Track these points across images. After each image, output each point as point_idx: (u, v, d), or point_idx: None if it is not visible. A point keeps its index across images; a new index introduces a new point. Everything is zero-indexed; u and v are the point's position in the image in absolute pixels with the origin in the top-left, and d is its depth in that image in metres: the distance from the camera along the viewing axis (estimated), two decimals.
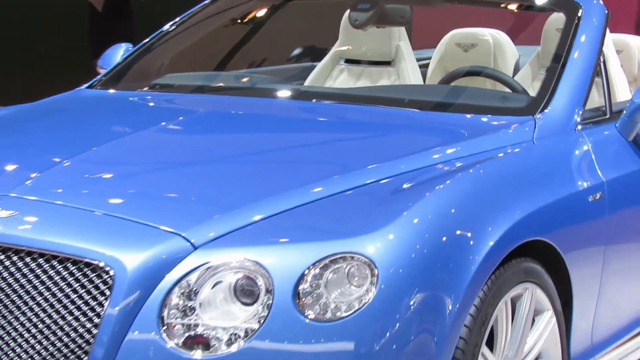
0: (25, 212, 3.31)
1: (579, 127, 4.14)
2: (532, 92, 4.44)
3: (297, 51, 5.81)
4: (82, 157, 3.75)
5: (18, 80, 9.71)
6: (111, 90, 4.83)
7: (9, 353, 3.13)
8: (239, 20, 5.45)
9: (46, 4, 12.73)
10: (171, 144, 4.12)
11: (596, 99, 4.36)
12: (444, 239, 3.24)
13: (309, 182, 3.49)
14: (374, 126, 4.24)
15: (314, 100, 4.60)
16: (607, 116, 4.32)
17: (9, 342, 3.14)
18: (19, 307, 3.14)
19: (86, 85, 4.91)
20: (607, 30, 4.56)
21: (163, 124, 4.24)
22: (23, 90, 5.49)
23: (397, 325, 3.06)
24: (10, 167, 3.72)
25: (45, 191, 3.45)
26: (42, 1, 12.88)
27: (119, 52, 5.11)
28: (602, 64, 4.42)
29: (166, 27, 5.16)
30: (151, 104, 4.59)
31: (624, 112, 4.32)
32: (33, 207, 3.35)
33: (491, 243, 3.31)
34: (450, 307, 3.15)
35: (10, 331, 3.15)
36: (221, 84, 4.95)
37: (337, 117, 4.37)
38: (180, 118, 4.35)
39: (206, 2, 5.27)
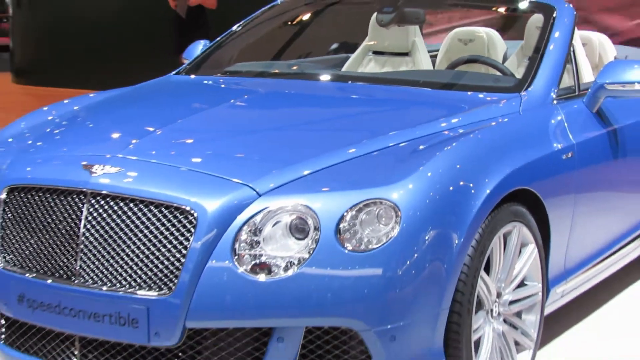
0: (129, 168, 3.34)
1: (555, 101, 4.22)
2: (518, 75, 4.52)
3: (334, 45, 5.84)
4: (171, 127, 3.78)
5: (119, 70, 9.71)
6: (192, 76, 4.91)
7: (118, 277, 3.18)
8: (289, 22, 5.51)
9: (140, 13, 13.11)
10: (239, 116, 4.16)
11: (567, 81, 4.42)
12: (451, 188, 3.28)
13: (345, 144, 3.50)
14: (395, 101, 4.28)
15: (349, 82, 4.65)
16: (576, 93, 4.40)
17: (118, 268, 3.19)
18: (124, 242, 3.20)
19: (174, 72, 5.01)
20: (575, 28, 4.63)
21: (232, 101, 4.31)
22: (122, 78, 5.52)
23: (415, 255, 3.10)
24: (116, 135, 3.76)
25: (143, 153, 3.49)
26: (138, 10, 13.24)
27: (198, 47, 5.25)
28: (572, 54, 4.51)
29: (234, 27, 5.25)
30: (223, 86, 4.65)
31: (589, 90, 4.41)
32: (134, 165, 3.38)
33: (487, 191, 3.37)
34: (456, 241, 3.21)
35: (118, 260, 3.19)
36: (277, 71, 5.01)
37: (367, 95, 4.41)
38: (246, 96, 4.40)
39: (265, 8, 5.38)
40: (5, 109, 11.43)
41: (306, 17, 5.59)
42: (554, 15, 4.60)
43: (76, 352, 3.28)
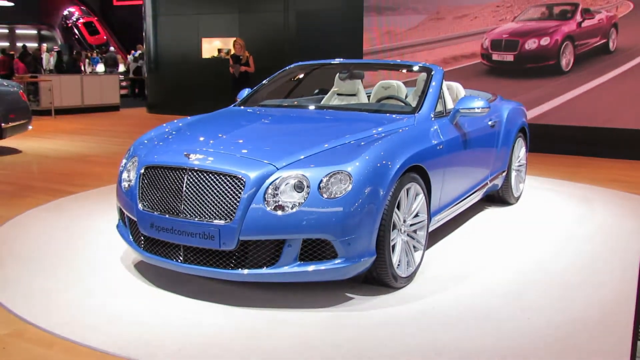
0: (209, 155, 3.45)
1: (433, 118, 4.27)
2: (413, 105, 4.45)
3: (316, 90, 5.90)
4: (230, 134, 3.84)
5: (204, 104, 9.89)
6: (241, 107, 4.90)
7: (203, 213, 3.27)
8: (292, 78, 5.56)
9: (216, 73, 13.68)
10: (265, 127, 4.15)
11: (439, 107, 4.48)
12: (378, 164, 3.37)
13: (322, 142, 3.55)
14: (349, 119, 4.21)
15: (324, 110, 4.55)
16: (444, 114, 4.44)
17: (203, 208, 3.27)
18: (207, 195, 3.29)
19: (233, 105, 5.05)
20: (444, 79, 4.72)
21: (262, 120, 4.32)
22: (205, 108, 5.58)
23: (360, 200, 3.23)
24: (201, 138, 3.77)
25: (216, 147, 3.57)
26: (215, 72, 13.85)
27: (245, 92, 5.25)
28: (442, 93, 4.59)
29: (264, 81, 5.32)
30: (257, 112, 4.57)
31: (451, 112, 4.48)
32: (211, 154, 3.47)
33: (398, 166, 3.47)
34: (382, 193, 3.34)
35: (203, 204, 3.28)
36: (286, 104, 4.97)
37: (334, 116, 4.31)
38: (270, 117, 4.37)
39: (279, 71, 5.44)
40: (143, 126, 12.04)
41: (301, 75, 5.62)
42: (432, 73, 4.68)
43: (181, 253, 3.40)
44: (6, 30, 28.57)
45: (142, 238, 3.60)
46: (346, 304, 3.38)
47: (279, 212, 3.19)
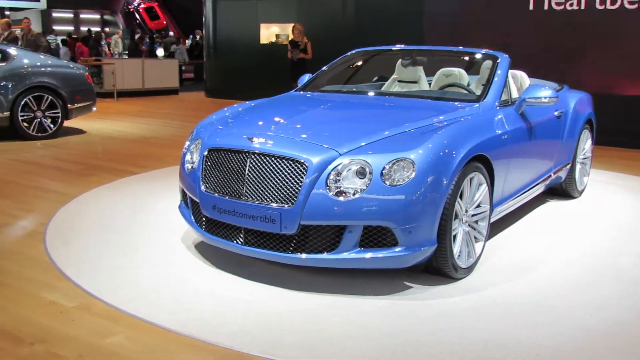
0: (270, 139, 3.47)
1: (498, 107, 4.20)
2: (477, 92, 4.46)
3: (376, 77, 5.84)
4: (291, 119, 3.88)
5: (262, 89, 10.02)
6: (301, 92, 4.92)
7: (265, 196, 3.29)
8: (351, 64, 5.51)
9: (275, 58, 13.77)
10: (326, 113, 4.15)
11: (504, 96, 4.39)
12: (441, 153, 3.33)
13: (383, 129, 3.51)
14: (409, 106, 4.20)
15: (385, 96, 4.61)
16: (509, 103, 4.37)
17: (265, 192, 3.29)
18: (269, 178, 3.28)
19: (294, 90, 5.07)
20: (509, 68, 4.64)
21: (322, 106, 4.31)
22: (263, 93, 5.59)
23: (423, 188, 3.20)
24: (263, 123, 3.79)
25: (277, 131, 3.59)
26: (274, 57, 13.87)
27: (306, 77, 5.26)
28: (508, 82, 4.51)
29: (324, 67, 5.32)
30: (318, 98, 4.58)
31: (517, 101, 4.40)
32: (273, 138, 3.48)
33: (462, 155, 3.42)
34: (445, 182, 3.30)
35: (265, 188, 3.30)
36: (345, 90, 4.94)
37: (394, 103, 4.36)
38: (329, 103, 4.37)
39: (339, 57, 5.43)
40: (201, 110, 12.41)
41: (360, 62, 5.58)
42: (498, 61, 4.61)
43: (242, 235, 3.44)
44: (71, 15, 29.44)
45: (204, 219, 3.63)
46: (404, 293, 3.36)
47: (341, 198, 3.18)
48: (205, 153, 3.62)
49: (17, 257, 3.80)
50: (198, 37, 21.47)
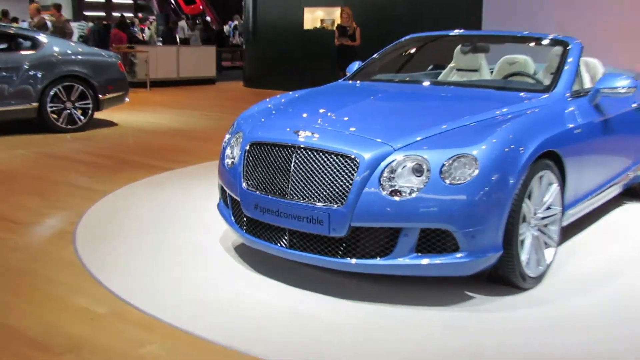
0: (318, 133, 3.44)
1: (569, 98, 4.13)
2: (545, 82, 4.40)
3: (430, 66, 5.80)
4: (339, 111, 3.81)
5: (305, 78, 10.06)
6: (350, 81, 4.92)
7: (312, 195, 3.28)
8: (404, 52, 5.49)
9: (318, 45, 13.94)
10: (377, 104, 4.10)
11: (576, 86, 4.32)
12: (506, 149, 3.27)
13: (440, 123, 3.46)
14: (469, 97, 4.18)
15: (443, 86, 4.56)
16: (582, 94, 4.29)
17: (312, 191, 3.29)
18: (316, 176, 3.30)
19: (342, 79, 5.08)
20: (582, 55, 4.58)
21: (372, 97, 4.26)
22: (306, 83, 5.59)
23: (486, 188, 3.14)
24: (309, 115, 3.77)
25: (325, 124, 3.57)
26: (316, 44, 14.11)
27: (355, 65, 5.26)
28: (580, 70, 4.48)
29: (375, 55, 5.30)
30: (369, 87, 4.58)
31: (590, 92, 4.32)
32: (321, 131, 3.46)
33: (530, 151, 3.36)
34: (511, 181, 3.25)
35: (312, 186, 3.28)
36: (398, 79, 4.90)
37: (452, 94, 4.30)
38: (380, 94, 4.33)
39: (391, 44, 5.39)
40: (240, 100, 12.57)
41: (415, 49, 5.55)
42: (569, 47, 4.51)
43: (286, 237, 3.43)
44: (103, 0, 30.05)
45: (245, 220, 3.65)
46: (467, 304, 3.30)
47: (395, 198, 3.16)
48: (247, 147, 3.65)
49: (45, 259, 3.84)
50: (236, 22, 21.65)
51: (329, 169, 3.29)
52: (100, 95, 8.61)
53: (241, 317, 3.10)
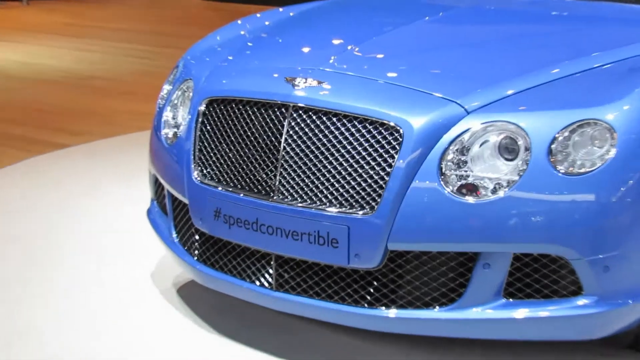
0: (331, 82, 3.30)
1: None
2: None
3: None
4: (367, 43, 3.74)
5: None
6: None
7: (318, 195, 3.16)
8: None
9: None
10: (434, 33, 4.04)
11: None
12: None
13: (548, 64, 3.36)
14: (596, 19, 4.07)
15: None
16: None
17: (318, 185, 3.17)
18: (326, 158, 3.17)
19: None
20: None
21: (427, 18, 4.15)
22: None
23: (631, 181, 2.99)
24: (315, 50, 3.76)
25: (343, 67, 3.45)
26: None
27: None
28: None
29: None
30: (414, 1, 4.49)
31: None
32: (336, 79, 3.34)
33: None
34: None
35: (319, 176, 3.17)
36: None
37: (566, 11, 4.23)
38: (441, 13, 4.20)
39: None
40: (193, 21, 12.46)
41: None
42: None
43: (271, 272, 3.27)
44: None
45: (197, 238, 3.49)
46: None
47: (469, 199, 2.97)
48: (202, 108, 3.46)
49: None
50: None
51: (349, 147, 3.10)
52: None
53: None
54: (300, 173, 3.17)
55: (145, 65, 9.61)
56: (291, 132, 3.20)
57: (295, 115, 3.21)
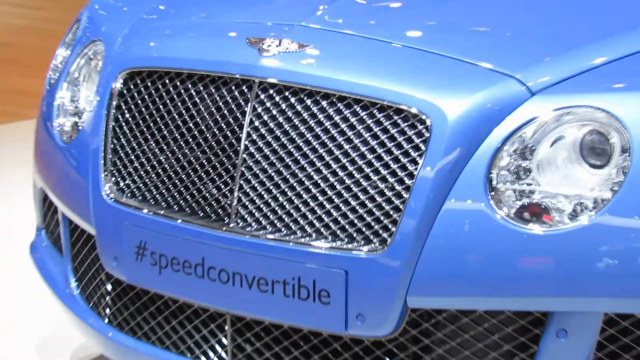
0: (318, 45, 3.26)
1: None
2: None
3: None
4: None
5: None
6: None
7: (298, 221, 3.14)
8: None
9: None
10: None
11: None
12: None
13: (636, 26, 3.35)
14: None
15: None
16: None
17: (299, 206, 3.13)
18: (309, 164, 3.11)
19: None
20: None
21: None
22: None
23: None
24: None
25: (337, 22, 3.44)
26: None
27: None
28: None
29: None
30: None
31: None
32: (326, 40, 3.30)
33: None
34: None
35: (300, 193, 3.12)
36: None
37: None
38: None
39: None
40: None
41: None
42: None
43: (225, 342, 3.23)
44: None
45: (109, 289, 3.42)
46: None
47: (534, 228, 2.84)
48: (118, 85, 3.34)
49: None
50: None
51: (345, 147, 2.98)
52: None
53: None
54: (271, 187, 3.06)
55: (25, 19, 9.73)
56: (257, 124, 3.09)
57: (263, 96, 3.10)
